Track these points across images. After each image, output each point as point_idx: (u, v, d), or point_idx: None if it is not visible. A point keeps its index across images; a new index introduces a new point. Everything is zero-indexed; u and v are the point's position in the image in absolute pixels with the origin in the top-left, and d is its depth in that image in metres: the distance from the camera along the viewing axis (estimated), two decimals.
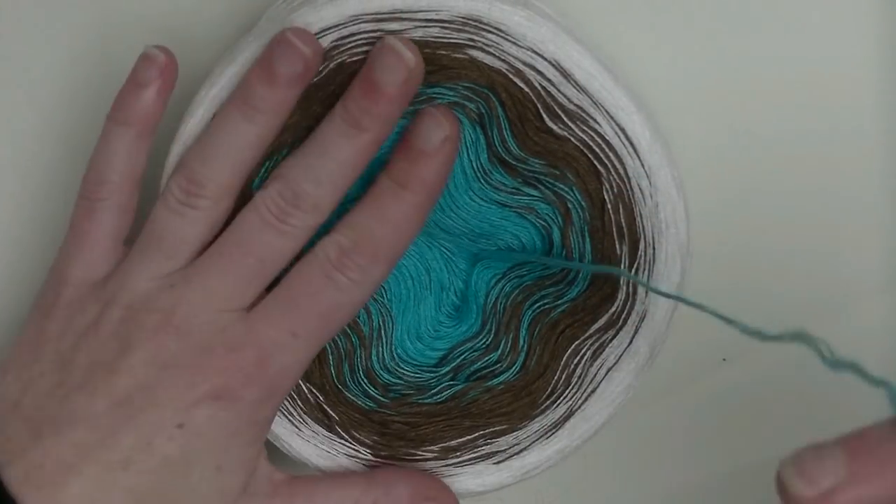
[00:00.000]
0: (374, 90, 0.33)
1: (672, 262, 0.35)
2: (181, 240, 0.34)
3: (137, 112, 0.35)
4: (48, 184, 0.41)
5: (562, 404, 0.37)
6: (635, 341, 0.36)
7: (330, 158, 0.33)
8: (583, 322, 0.36)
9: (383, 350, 0.38)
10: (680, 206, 0.35)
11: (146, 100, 0.34)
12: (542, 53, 0.34)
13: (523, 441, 0.37)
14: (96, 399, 0.33)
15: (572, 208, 0.36)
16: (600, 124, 0.34)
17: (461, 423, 0.37)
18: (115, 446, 0.32)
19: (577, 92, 0.34)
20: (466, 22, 0.34)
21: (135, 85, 0.35)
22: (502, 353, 0.37)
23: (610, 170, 0.35)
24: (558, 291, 0.36)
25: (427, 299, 0.38)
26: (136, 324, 0.33)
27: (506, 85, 0.34)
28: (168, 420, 0.33)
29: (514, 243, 0.37)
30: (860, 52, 0.38)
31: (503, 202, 0.36)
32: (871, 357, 0.39)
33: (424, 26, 0.34)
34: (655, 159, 0.35)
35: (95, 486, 0.32)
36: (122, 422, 0.33)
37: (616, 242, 0.35)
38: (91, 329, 0.34)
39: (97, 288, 0.35)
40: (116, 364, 0.33)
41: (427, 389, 0.37)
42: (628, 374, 0.37)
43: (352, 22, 0.34)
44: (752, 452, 0.40)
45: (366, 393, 0.37)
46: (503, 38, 0.34)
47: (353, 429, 0.37)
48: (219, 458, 0.33)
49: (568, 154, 0.35)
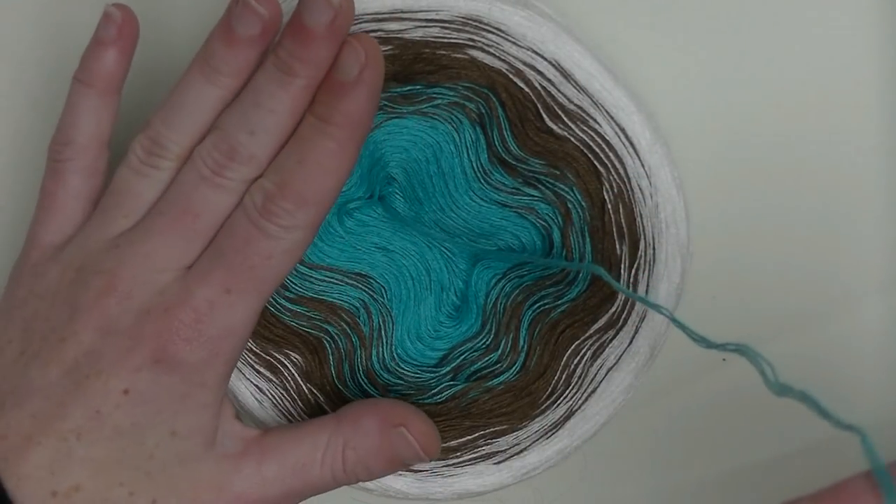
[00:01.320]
0: (301, 32, 0.32)
1: (672, 262, 0.36)
2: (139, 199, 0.34)
3: (98, 71, 0.34)
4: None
5: (562, 404, 0.37)
6: (635, 341, 0.36)
7: (263, 107, 0.33)
8: (583, 322, 0.36)
9: (383, 350, 0.38)
10: (680, 206, 0.35)
11: (107, 59, 0.34)
12: (542, 53, 0.34)
13: (523, 441, 0.37)
14: (50, 368, 0.32)
15: (572, 208, 0.36)
16: (600, 124, 0.34)
17: (461, 424, 0.37)
18: (68, 416, 0.32)
19: (578, 92, 0.34)
20: (466, 22, 0.34)
21: (96, 44, 0.34)
22: (502, 353, 0.37)
23: (610, 170, 0.35)
24: (558, 291, 0.36)
25: (427, 299, 0.38)
26: (83, 286, 0.33)
27: (506, 85, 0.34)
28: (113, 387, 0.32)
29: (514, 243, 0.37)
30: (860, 52, 0.38)
31: (503, 202, 0.36)
32: (872, 357, 0.40)
33: (425, 26, 0.34)
34: (655, 159, 0.35)
35: (53, 456, 0.32)
36: (71, 391, 0.32)
37: (616, 242, 0.35)
38: (49, 294, 0.33)
39: (58, 250, 0.34)
40: (64, 330, 0.33)
41: (427, 390, 0.37)
42: (628, 374, 0.37)
43: (352, 22, 0.34)
44: (752, 452, 0.40)
45: (366, 393, 0.37)
46: (503, 38, 0.34)
47: None
48: (171, 424, 0.33)
49: (568, 154, 0.35)
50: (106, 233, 0.33)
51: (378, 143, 0.36)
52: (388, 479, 0.37)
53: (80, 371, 0.32)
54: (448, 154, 0.36)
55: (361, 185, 0.37)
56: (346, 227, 0.37)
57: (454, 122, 0.36)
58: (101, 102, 0.34)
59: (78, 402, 0.32)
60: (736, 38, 0.38)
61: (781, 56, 0.38)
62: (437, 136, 0.36)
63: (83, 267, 0.33)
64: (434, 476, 0.37)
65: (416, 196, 0.37)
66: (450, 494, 0.37)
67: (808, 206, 0.39)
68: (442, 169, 0.36)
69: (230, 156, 0.32)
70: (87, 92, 0.34)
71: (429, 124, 0.36)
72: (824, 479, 0.40)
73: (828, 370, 0.40)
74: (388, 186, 0.37)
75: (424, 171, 0.37)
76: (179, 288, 0.32)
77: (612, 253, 0.35)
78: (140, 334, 0.32)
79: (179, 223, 0.33)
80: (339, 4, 0.32)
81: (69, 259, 0.34)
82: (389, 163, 0.37)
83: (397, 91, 0.35)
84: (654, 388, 0.39)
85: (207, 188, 0.33)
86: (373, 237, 0.37)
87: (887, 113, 0.38)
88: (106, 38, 0.34)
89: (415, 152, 0.36)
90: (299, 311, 0.37)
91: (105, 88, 0.34)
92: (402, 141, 0.36)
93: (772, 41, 0.38)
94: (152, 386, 0.32)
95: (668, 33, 0.38)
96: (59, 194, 0.34)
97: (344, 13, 0.32)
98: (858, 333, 0.39)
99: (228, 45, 0.33)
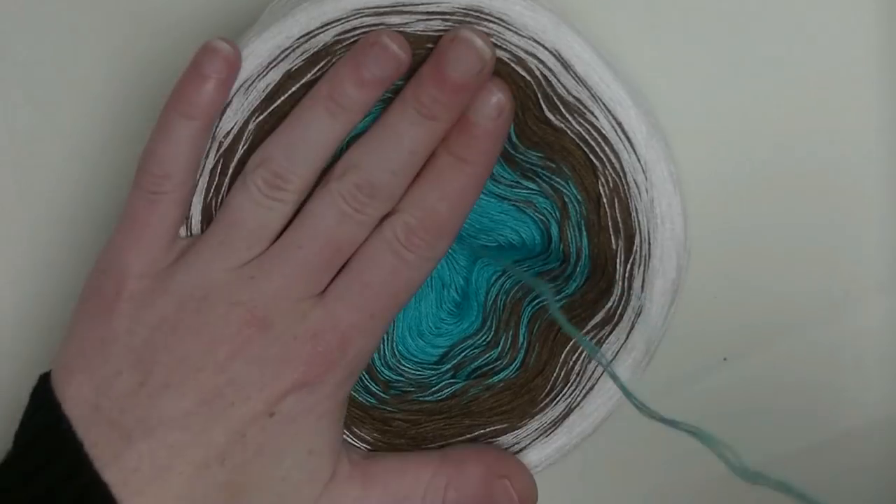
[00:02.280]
0: (447, 81, 0.33)
1: (668, 258, 0.35)
2: (263, 231, 0.34)
3: (202, 105, 0.34)
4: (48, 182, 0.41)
5: (561, 401, 0.37)
6: (631, 337, 0.36)
7: (404, 148, 0.34)
8: (580, 318, 0.36)
9: (384, 346, 0.38)
10: (676, 201, 0.35)
11: (211, 92, 0.34)
12: (542, 42, 0.34)
13: (523, 440, 0.37)
14: (185, 397, 0.33)
15: (569, 202, 0.36)
16: (597, 118, 0.35)
17: (461, 422, 0.37)
18: (210, 443, 0.33)
19: (577, 84, 0.34)
20: (468, 13, 0.34)
21: (199, 76, 0.34)
22: (502, 350, 0.37)
23: (606, 164, 0.35)
24: (556, 287, 0.36)
25: (428, 296, 0.38)
26: (216, 317, 0.33)
27: (508, 73, 0.34)
28: (260, 411, 0.33)
29: (513, 238, 0.37)
30: (860, 49, 0.38)
31: (502, 195, 0.37)
32: (871, 357, 0.39)
33: (426, 19, 0.34)
34: (652, 154, 0.35)
35: (193, 484, 0.32)
36: (213, 418, 0.33)
37: (612, 237, 0.35)
38: (166, 324, 0.33)
39: (163, 280, 0.34)
40: (202, 361, 0.33)
41: (428, 387, 0.37)
42: (625, 370, 0.36)
43: (354, 16, 0.34)
44: (752, 452, 0.39)
45: (367, 389, 0.37)
46: (505, 28, 0.34)
47: (353, 425, 0.37)
48: (310, 442, 0.34)
49: (564, 147, 0.35)
50: (229, 263, 0.34)
51: None
52: None
53: (224, 399, 0.33)
54: None
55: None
56: None
57: None
58: (201, 135, 0.34)
59: (222, 429, 0.33)
60: (736, 34, 0.38)
61: (781, 51, 0.38)
62: None
63: (209, 297, 0.34)
64: None
65: None
66: None
67: (808, 205, 0.39)
68: None
69: (372, 194, 0.34)
70: (188, 124, 0.34)
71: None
72: (824, 479, 0.40)
73: (828, 370, 0.39)
74: None
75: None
76: (324, 314, 0.34)
77: (608, 248, 0.35)
78: (288, 360, 0.33)
79: (320, 256, 0.34)
80: (488, 58, 0.33)
81: (185, 289, 0.34)
82: None
83: (399, 84, 0.35)
84: (654, 387, 0.38)
85: (349, 224, 0.34)
86: None
87: (887, 113, 0.38)
88: (211, 71, 0.34)
89: None
90: None
91: (207, 123, 0.34)
92: None
93: (771, 37, 0.38)
94: (296, 407, 0.33)
95: (667, 28, 0.38)
96: (154, 225, 0.34)
97: (490, 64, 0.34)
98: (858, 333, 0.39)
99: (360, 85, 0.34)
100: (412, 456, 0.36)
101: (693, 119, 0.38)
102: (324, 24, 0.34)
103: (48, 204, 0.41)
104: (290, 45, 0.34)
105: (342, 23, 0.34)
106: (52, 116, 0.40)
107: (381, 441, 0.37)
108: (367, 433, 0.37)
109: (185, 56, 0.35)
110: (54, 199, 0.41)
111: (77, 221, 0.41)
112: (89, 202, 0.41)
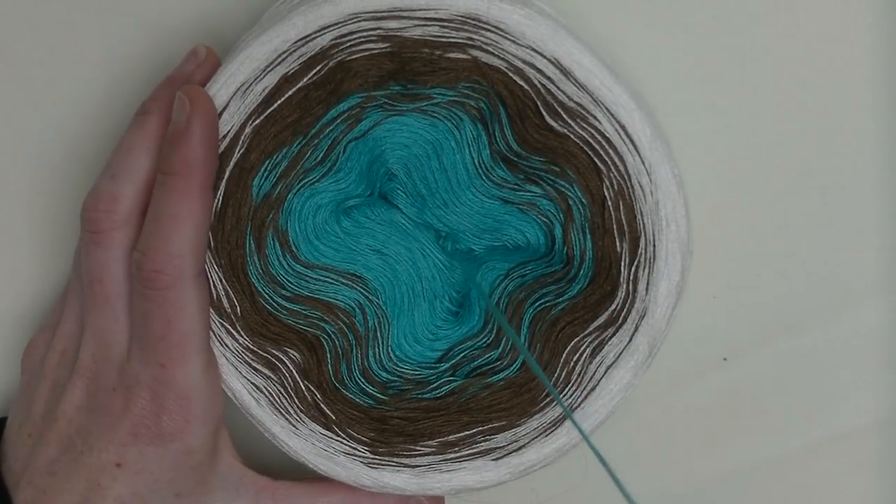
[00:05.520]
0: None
1: (672, 260, 0.35)
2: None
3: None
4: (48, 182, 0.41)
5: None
6: (635, 339, 0.36)
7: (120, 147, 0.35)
8: (583, 320, 0.36)
9: (380, 351, 0.38)
10: (680, 203, 0.35)
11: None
12: (541, 51, 0.34)
13: (522, 438, 0.37)
14: (50, 447, 0.34)
15: (573, 205, 0.36)
16: (600, 121, 0.34)
17: (459, 419, 0.37)
18: (73, 490, 0.34)
19: (577, 89, 0.34)
20: (465, 20, 0.34)
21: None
22: (503, 350, 0.37)
23: (610, 167, 0.35)
24: (559, 289, 0.36)
25: (421, 306, 0.38)
26: (63, 368, 0.35)
27: (506, 83, 0.34)
28: (106, 461, 0.34)
29: (518, 238, 0.37)
30: (860, 51, 0.38)
31: (506, 198, 0.37)
32: (871, 357, 0.40)
33: (423, 25, 0.34)
34: (656, 157, 0.35)
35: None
36: (71, 466, 0.34)
37: (616, 240, 0.35)
38: (44, 375, 0.36)
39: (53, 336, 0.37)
40: (55, 411, 0.35)
41: (426, 384, 0.37)
42: (627, 371, 0.36)
43: (351, 20, 0.34)
44: (751, 452, 0.40)
45: (364, 391, 0.37)
46: (502, 37, 0.34)
47: (349, 427, 0.37)
48: (173, 487, 0.34)
49: (568, 151, 0.35)
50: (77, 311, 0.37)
51: (377, 140, 0.36)
52: (385, 475, 0.37)
53: (75, 448, 0.34)
54: (449, 150, 0.36)
55: (360, 183, 0.37)
56: (343, 226, 0.37)
57: (454, 120, 0.36)
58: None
59: (79, 477, 0.34)
60: (736, 35, 0.38)
61: (782, 54, 0.38)
62: (436, 134, 0.36)
63: (63, 348, 0.36)
64: (432, 471, 0.37)
65: (419, 192, 0.37)
66: (448, 490, 0.37)
67: (808, 205, 0.39)
68: (444, 165, 0.37)
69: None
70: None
71: (428, 122, 0.36)
72: (824, 479, 0.40)
73: (828, 370, 0.40)
74: (388, 183, 0.37)
75: (426, 167, 0.37)
76: (130, 366, 0.34)
77: (613, 250, 0.35)
78: (114, 412, 0.34)
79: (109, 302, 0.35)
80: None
81: (55, 343, 0.36)
82: (389, 159, 0.37)
83: (396, 89, 0.35)
84: (654, 387, 0.39)
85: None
86: (368, 239, 0.38)
87: (887, 113, 0.38)
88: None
89: (415, 149, 0.37)
90: (296, 309, 0.37)
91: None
92: (402, 138, 0.36)
93: (772, 39, 0.38)
94: (141, 458, 0.34)
95: (667, 31, 0.38)
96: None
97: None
98: (858, 333, 0.39)
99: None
100: (322, 481, 0.37)
101: (693, 120, 0.38)
102: (321, 28, 0.34)
103: (48, 204, 0.41)
104: (288, 48, 0.34)
105: (339, 27, 0.34)
106: (52, 116, 0.40)
107: (379, 440, 0.37)
108: (364, 433, 0.37)
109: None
110: (54, 199, 0.41)
111: (77, 221, 0.41)
112: None
